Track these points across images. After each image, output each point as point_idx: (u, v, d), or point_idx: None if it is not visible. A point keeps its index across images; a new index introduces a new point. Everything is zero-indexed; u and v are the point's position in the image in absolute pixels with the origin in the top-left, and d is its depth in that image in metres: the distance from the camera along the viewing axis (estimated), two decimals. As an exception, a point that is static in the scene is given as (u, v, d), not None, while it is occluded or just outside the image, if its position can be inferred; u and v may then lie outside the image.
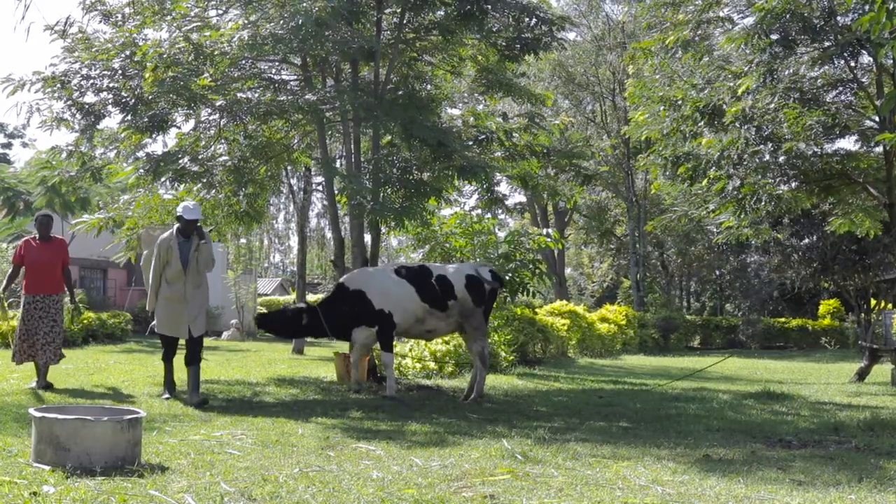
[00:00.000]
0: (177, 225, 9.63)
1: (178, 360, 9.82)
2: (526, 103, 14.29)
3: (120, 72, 11.58)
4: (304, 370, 14.97)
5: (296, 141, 14.61)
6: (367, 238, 13.10)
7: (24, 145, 54.04)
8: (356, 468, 5.71)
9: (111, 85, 11.75)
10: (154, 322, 9.80)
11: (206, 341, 24.89)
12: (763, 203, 13.97)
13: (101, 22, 12.65)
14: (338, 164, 15.86)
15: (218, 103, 11.82)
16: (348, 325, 10.81)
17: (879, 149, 14.53)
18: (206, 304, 9.78)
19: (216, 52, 10.76)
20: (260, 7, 10.89)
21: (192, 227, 9.46)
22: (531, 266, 15.30)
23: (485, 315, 11.32)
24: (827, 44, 13.97)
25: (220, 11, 12.55)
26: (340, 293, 10.89)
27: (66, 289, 10.80)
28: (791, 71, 14.61)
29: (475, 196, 22.51)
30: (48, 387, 10.26)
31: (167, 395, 9.69)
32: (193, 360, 9.52)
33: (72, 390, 10.25)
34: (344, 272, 12.41)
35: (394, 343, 11.37)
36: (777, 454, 7.02)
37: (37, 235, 10.67)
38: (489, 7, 12.08)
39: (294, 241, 47.08)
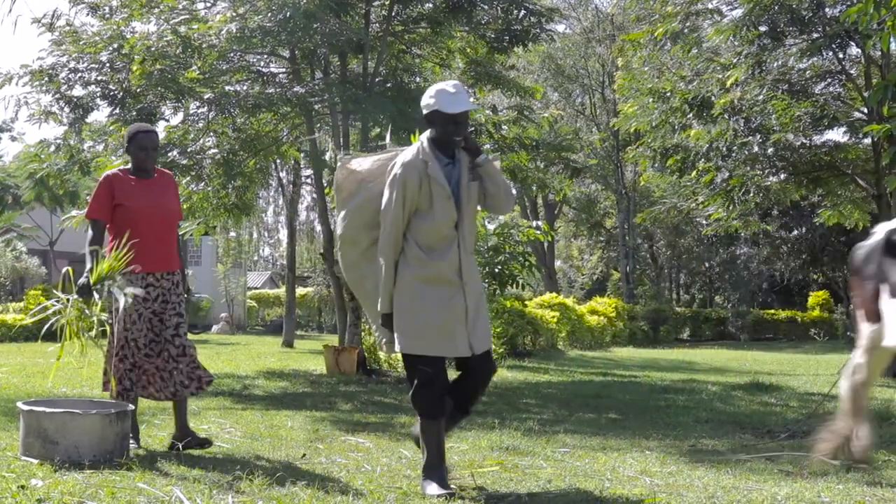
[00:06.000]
0: (425, 137, 4.83)
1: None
2: (515, 96, 14.30)
3: (108, 65, 11.55)
4: (293, 363, 14.97)
5: (285, 134, 14.59)
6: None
7: (13, 139, 53.74)
8: (345, 461, 5.71)
9: (99, 78, 11.71)
10: (380, 339, 5.00)
11: (193, 335, 24.97)
12: (752, 195, 14.04)
13: (88, 15, 12.61)
14: (326, 157, 15.82)
15: (206, 96, 11.80)
16: None
17: (868, 140, 14.57)
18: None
19: (204, 45, 10.75)
20: (248, 0, 10.88)
21: (462, 129, 4.74)
22: (521, 258, 15.32)
23: None
24: (815, 35, 14.00)
25: (208, 4, 12.55)
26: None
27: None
28: (779, 62, 14.66)
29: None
30: (203, 444, 5.81)
31: (441, 491, 4.57)
32: (476, 399, 5.14)
33: (61, 384, 10.21)
34: (333, 265, 12.33)
35: None
36: (765, 445, 7.05)
37: (130, 166, 5.76)
38: (478, -1, 12.08)
39: (283, 234, 46.90)
